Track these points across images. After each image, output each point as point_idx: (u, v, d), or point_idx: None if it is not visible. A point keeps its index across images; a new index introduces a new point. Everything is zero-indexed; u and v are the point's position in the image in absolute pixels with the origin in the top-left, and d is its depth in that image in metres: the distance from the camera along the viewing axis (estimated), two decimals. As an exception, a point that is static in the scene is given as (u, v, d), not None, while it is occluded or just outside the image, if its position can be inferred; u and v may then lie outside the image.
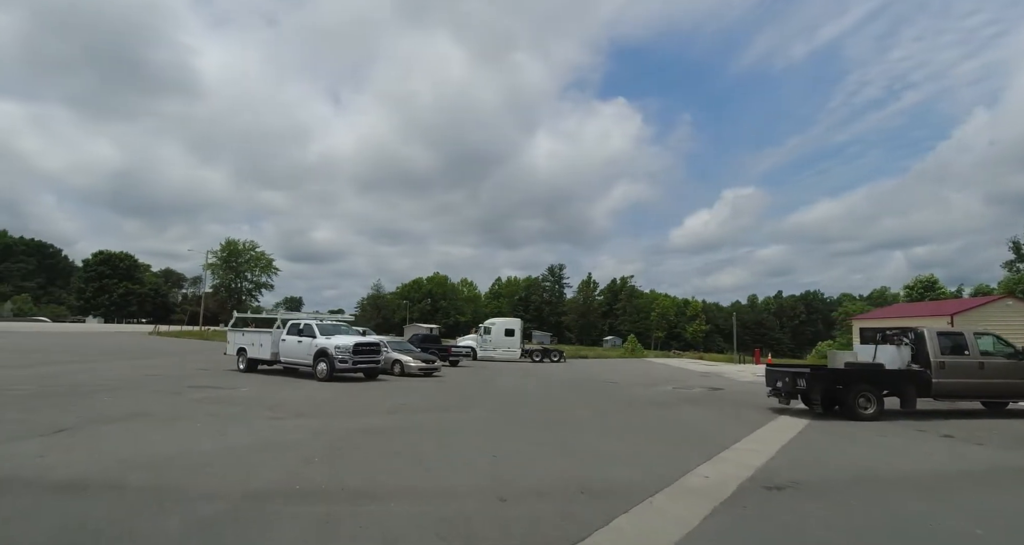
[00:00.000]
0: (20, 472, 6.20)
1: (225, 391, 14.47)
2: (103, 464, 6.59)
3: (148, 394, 13.36)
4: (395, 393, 15.60)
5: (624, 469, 7.13)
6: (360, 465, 6.91)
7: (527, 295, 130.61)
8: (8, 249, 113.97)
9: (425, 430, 9.67)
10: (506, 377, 23.46)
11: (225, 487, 5.73)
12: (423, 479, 6.37)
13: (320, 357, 17.77)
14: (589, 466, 7.22)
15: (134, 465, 6.55)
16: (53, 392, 13.04)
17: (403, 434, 9.19)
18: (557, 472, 6.85)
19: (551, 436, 9.52)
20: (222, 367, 21.53)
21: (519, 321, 41.81)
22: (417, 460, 7.28)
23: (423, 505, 5.38)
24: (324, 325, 18.95)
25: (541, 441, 9.01)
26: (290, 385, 16.59)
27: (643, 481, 6.50)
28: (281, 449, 7.67)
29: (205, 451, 7.41)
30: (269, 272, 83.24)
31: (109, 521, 4.68)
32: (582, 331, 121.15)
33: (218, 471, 6.38)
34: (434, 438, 8.92)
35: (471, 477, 6.50)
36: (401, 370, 20.93)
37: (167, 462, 6.72)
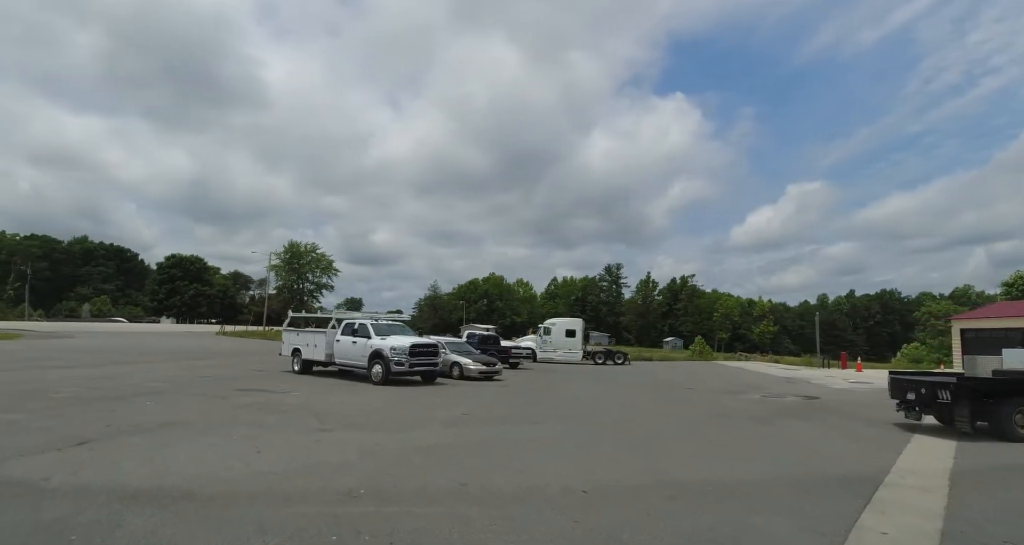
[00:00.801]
0: (12, 502, 5.05)
1: (273, 396, 13.42)
2: (107, 493, 5.35)
3: (193, 398, 12.44)
4: (455, 400, 14.19)
5: (764, 517, 5.33)
6: (415, 501, 5.43)
7: (584, 295, 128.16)
8: (89, 253, 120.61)
9: (493, 449, 8.12)
10: (571, 381, 21.75)
11: (235, 539, 4.34)
12: (501, 530, 4.80)
13: (375, 359, 16.60)
14: (714, 513, 5.47)
15: (139, 497, 5.27)
16: (96, 396, 12.28)
17: (467, 455, 7.68)
18: (673, 524, 5.14)
19: (646, 463, 7.79)
20: (277, 368, 20.79)
21: (580, 321, 39.94)
22: (487, 497, 5.73)
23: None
24: (379, 325, 17.80)
25: (637, 469, 7.30)
26: (343, 389, 15.47)
27: (800, 540, 4.72)
28: (321, 475, 6.29)
29: (230, 477, 6.10)
30: (329, 273, 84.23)
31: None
32: (641, 332, 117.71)
33: (235, 513, 5.01)
34: (505, 462, 7.35)
35: (561, 525, 4.89)
36: (460, 373, 19.58)
37: (181, 495, 5.41)
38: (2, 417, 9.35)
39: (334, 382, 17.23)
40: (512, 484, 6.21)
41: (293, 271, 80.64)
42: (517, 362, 27.21)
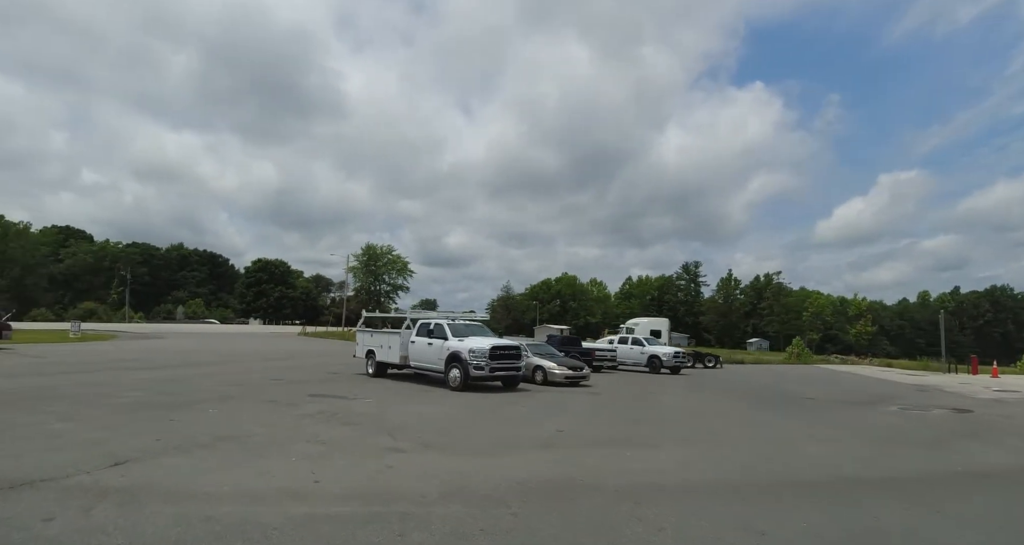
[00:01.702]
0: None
1: (344, 403, 12.17)
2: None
3: (259, 406, 11.34)
4: (545, 411, 12.45)
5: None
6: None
7: (660, 295, 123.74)
8: (185, 259, 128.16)
9: (609, 489, 6.26)
10: (668, 388, 19.53)
11: None
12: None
13: (452, 362, 15.13)
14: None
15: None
16: (159, 402, 11.43)
17: (579, 495, 5.90)
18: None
19: (852, 516, 5.73)
20: (352, 371, 19.83)
21: (666, 321, 37.51)
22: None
23: None
24: (456, 325, 16.34)
25: (828, 537, 5.27)
26: (418, 396, 14.08)
27: None
28: (389, 525, 4.68)
29: (273, 524, 4.60)
30: (405, 275, 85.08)
31: None
32: (722, 332, 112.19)
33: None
34: (636, 512, 5.51)
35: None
36: (543, 378, 17.83)
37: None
38: (52, 426, 8.46)
39: (409, 387, 15.92)
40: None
41: (370, 273, 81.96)
42: (600, 366, 25.19)
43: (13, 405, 10.37)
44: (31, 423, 8.64)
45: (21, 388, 12.68)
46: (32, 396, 11.54)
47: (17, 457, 6.58)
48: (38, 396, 11.58)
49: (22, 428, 8.24)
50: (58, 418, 9.13)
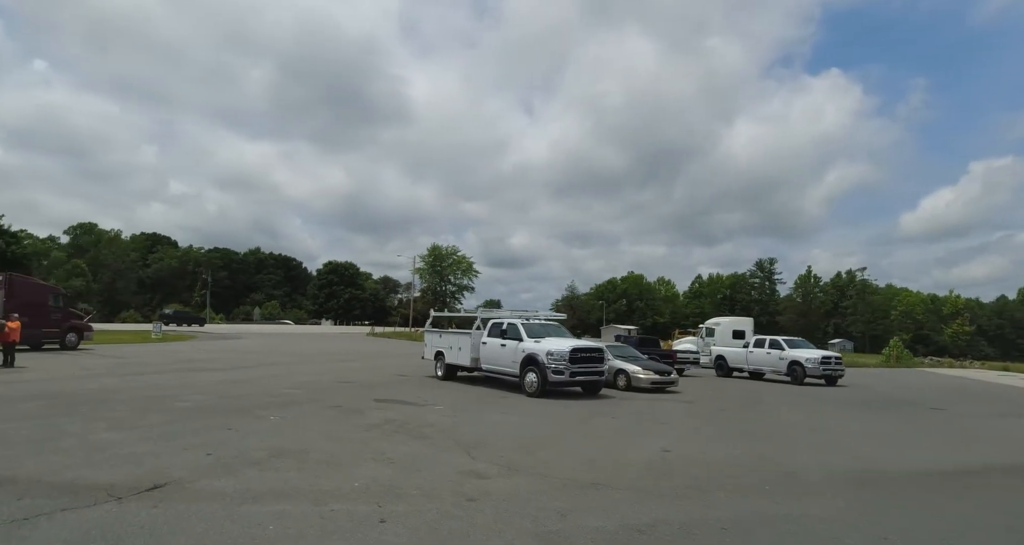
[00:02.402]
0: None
1: (413, 410, 11.07)
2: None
3: (323, 412, 10.39)
4: (639, 424, 10.92)
5: None
6: None
7: (732, 293, 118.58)
8: (262, 263, 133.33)
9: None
10: (767, 396, 17.49)
11: None
12: None
13: (528, 365, 13.81)
14: None
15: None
16: (220, 406, 10.68)
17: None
18: None
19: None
20: (420, 373, 18.90)
21: (750, 320, 34.72)
22: None
23: None
24: (531, 325, 15.02)
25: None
26: (493, 403, 12.84)
27: None
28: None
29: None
30: (470, 275, 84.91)
31: None
32: (801, 333, 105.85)
33: None
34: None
35: None
36: (627, 383, 16.22)
37: None
38: (100, 436, 7.71)
39: (481, 392, 14.73)
40: None
41: (436, 273, 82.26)
42: (682, 369, 23.26)
43: (72, 409, 9.85)
44: (80, 432, 7.94)
45: (87, 391, 12.32)
46: (94, 399, 11.07)
47: (47, 475, 5.74)
48: (100, 399, 11.10)
49: (69, 438, 7.52)
50: (110, 426, 8.43)
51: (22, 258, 54.78)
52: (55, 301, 24.00)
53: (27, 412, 9.48)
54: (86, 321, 25.93)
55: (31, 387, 12.56)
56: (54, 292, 24.56)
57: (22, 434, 7.71)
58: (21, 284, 23.28)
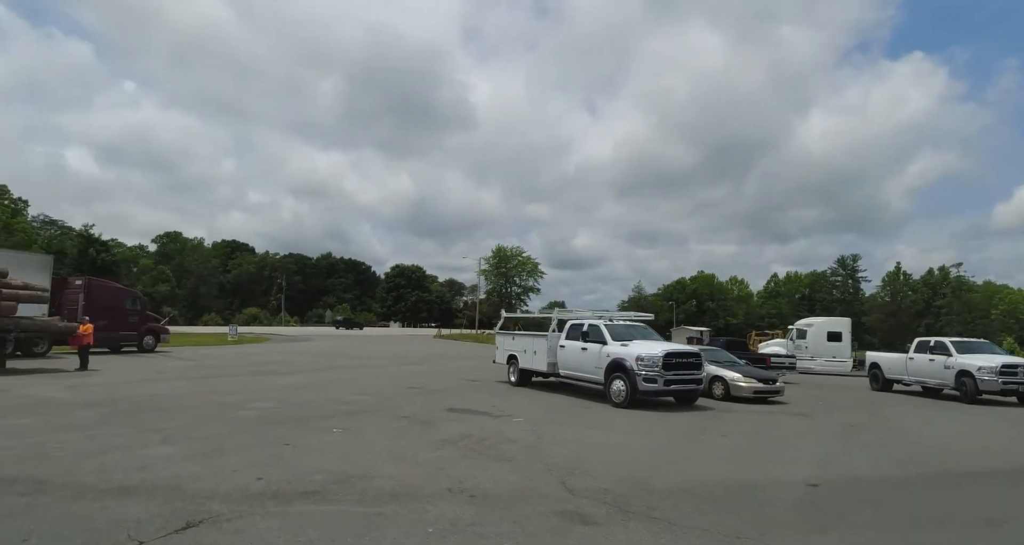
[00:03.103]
0: None
1: (490, 423, 9.81)
2: None
3: (390, 424, 9.29)
4: (758, 443, 9.23)
5: None
6: None
7: (811, 293, 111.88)
8: (333, 267, 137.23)
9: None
10: (896, 407, 15.22)
11: None
12: None
13: (614, 372, 12.28)
14: None
15: None
16: (282, 416, 9.78)
17: None
18: None
19: None
20: (492, 377, 17.72)
21: (847, 321, 31.72)
22: None
23: None
24: (615, 327, 13.49)
25: None
26: (577, 414, 11.40)
27: None
28: None
29: None
30: (535, 276, 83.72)
31: None
32: (891, 333, 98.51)
33: None
34: None
35: None
36: (724, 392, 14.37)
37: None
38: (149, 451, 6.85)
39: (561, 401, 13.33)
40: None
41: (501, 275, 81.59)
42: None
43: (129, 418, 9.18)
44: (128, 445, 7.12)
45: (151, 396, 11.80)
46: (156, 406, 10.45)
47: (70, 503, 4.81)
48: (162, 406, 10.47)
49: (113, 453, 6.68)
50: (163, 439, 7.60)
51: (111, 265, 57.92)
52: (132, 304, 24.45)
53: (81, 421, 8.86)
54: (163, 324, 26.38)
55: (96, 392, 12.18)
56: (131, 295, 25.05)
57: (66, 447, 6.96)
58: (99, 287, 23.82)
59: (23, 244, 52.72)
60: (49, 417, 9.11)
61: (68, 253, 62.51)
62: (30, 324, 15.79)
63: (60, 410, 9.81)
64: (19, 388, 12.37)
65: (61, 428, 8.18)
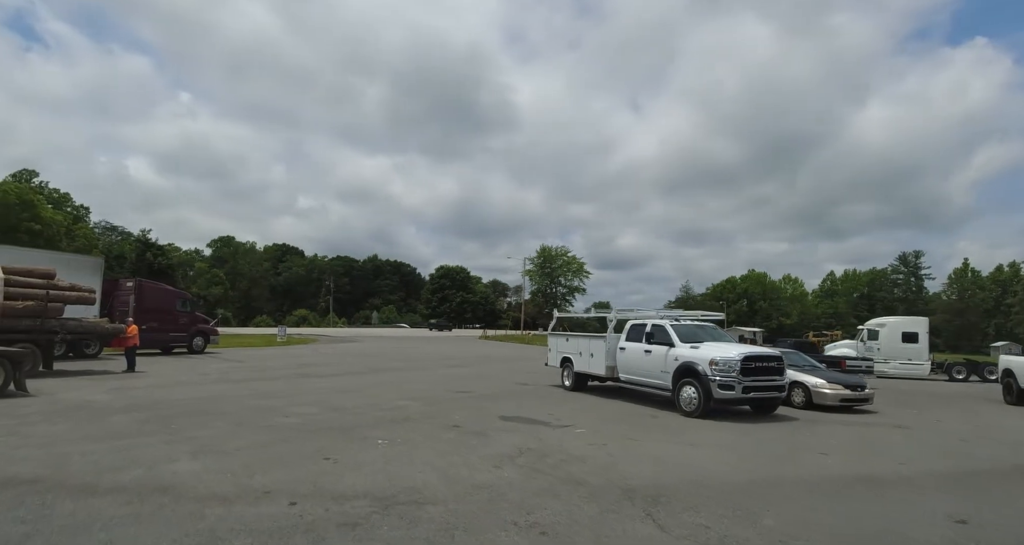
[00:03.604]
0: None
1: (549, 434, 8.79)
2: None
3: (438, 435, 8.39)
4: (871, 467, 7.92)
5: None
6: None
7: (871, 291, 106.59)
8: (379, 269, 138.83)
9: None
10: (1001, 417, 13.47)
11: None
12: None
13: (685, 377, 11.07)
14: None
15: None
16: (324, 424, 9.02)
17: None
18: None
19: None
20: (544, 381, 16.71)
21: (924, 320, 29.32)
22: None
23: None
24: (682, 327, 12.26)
25: None
26: (645, 425, 10.25)
27: None
28: None
29: None
30: (581, 276, 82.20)
31: None
32: (957, 334, 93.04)
33: None
34: None
35: None
36: (806, 399, 12.90)
37: None
38: (175, 467, 6.12)
39: (624, 408, 12.19)
40: None
41: (546, 275, 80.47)
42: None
43: (164, 425, 8.58)
44: (154, 460, 6.41)
45: (191, 400, 11.27)
46: (194, 411, 9.86)
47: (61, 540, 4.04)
48: (201, 411, 9.88)
49: (134, 470, 5.97)
50: (193, 451, 6.89)
51: (167, 268, 59.50)
52: (182, 305, 24.48)
53: (115, 427, 8.29)
54: (212, 325, 26.41)
55: (137, 395, 11.75)
56: (181, 297, 25.11)
57: (86, 460, 6.31)
58: (150, 289, 23.92)
59: (85, 249, 54.77)
60: (83, 423, 8.59)
61: (127, 257, 64.73)
62: (77, 326, 15.65)
63: (96, 415, 9.30)
64: (62, 391, 12.07)
65: (90, 437, 7.59)
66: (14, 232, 47.54)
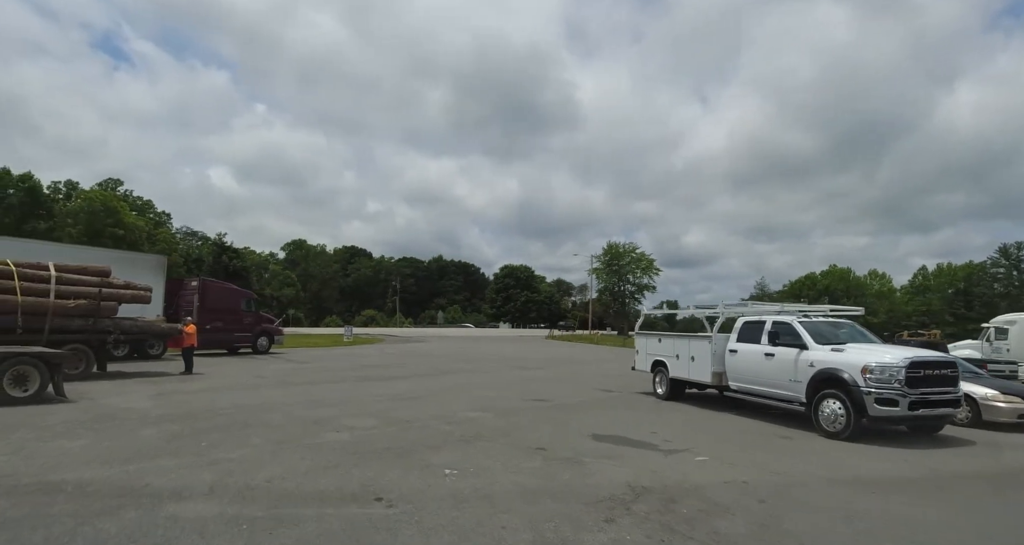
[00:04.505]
0: None
1: (664, 463, 6.79)
2: None
3: (521, 464, 6.56)
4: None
5: None
6: None
7: (968, 286, 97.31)
8: (444, 270, 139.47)
9: None
10: None
11: None
12: None
13: (826, 388, 8.74)
14: None
15: None
16: (380, 441, 7.41)
17: None
18: None
19: None
20: (629, 387, 14.67)
21: (1072, 317, 25.10)
22: None
23: None
24: (816, 325, 9.92)
25: None
26: (785, 451, 8.03)
27: None
28: None
29: None
30: (651, 273, 78.61)
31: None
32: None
33: None
34: None
35: None
36: (972, 415, 10.22)
37: None
38: (187, 508, 4.59)
39: (741, 425, 9.99)
40: None
41: (613, 273, 77.44)
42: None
43: (197, 439, 7.21)
44: (162, 492, 4.92)
45: (238, 408, 9.98)
46: (234, 423, 8.50)
47: None
48: (241, 423, 8.51)
49: (131, 510, 4.48)
50: (212, 482, 5.38)
51: (241, 270, 60.91)
52: (247, 305, 23.88)
53: (136, 444, 6.96)
54: (276, 325, 25.78)
55: (181, 402, 10.59)
56: (246, 296, 24.50)
57: (86, 491, 4.92)
58: (214, 288, 23.43)
59: (164, 252, 56.90)
60: (105, 438, 7.33)
61: (204, 260, 66.89)
62: (131, 325, 14.90)
63: (126, 427, 8.08)
64: (106, 396, 11.09)
65: (102, 458, 6.25)
66: (99, 237, 49.68)
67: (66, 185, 64.83)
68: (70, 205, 58.60)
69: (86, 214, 53.01)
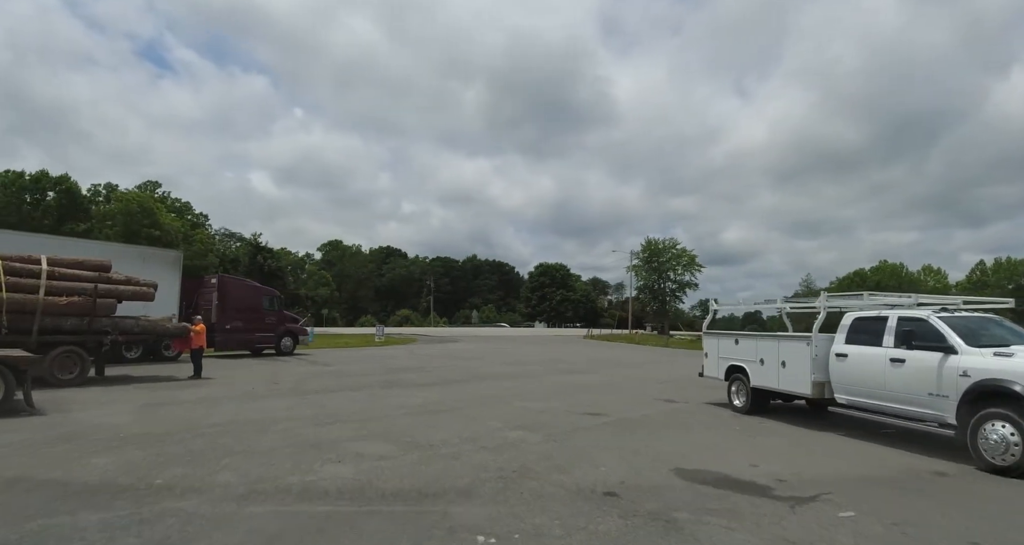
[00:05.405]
0: None
1: (794, 524, 4.67)
2: None
3: (591, 519, 4.50)
4: None
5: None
6: None
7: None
8: (478, 269, 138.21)
9: None
10: None
11: None
12: None
13: (988, 407, 6.49)
14: None
15: None
16: (393, 477, 5.48)
17: None
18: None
19: None
20: (694, 396, 12.51)
21: None
22: None
23: None
24: (963, 321, 7.59)
25: None
26: (946, 492, 5.78)
27: None
28: None
29: None
30: (692, 269, 75.32)
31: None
32: None
33: None
34: None
35: None
36: None
37: None
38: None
39: (865, 450, 7.76)
40: None
41: (653, 270, 74.46)
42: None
43: (149, 475, 5.42)
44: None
45: (232, 424, 8.24)
46: (213, 447, 6.71)
47: None
48: (223, 448, 6.71)
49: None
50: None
51: (277, 271, 60.41)
52: (270, 303, 22.42)
53: (76, 481, 5.18)
54: (301, 324, 24.30)
55: (167, 416, 8.91)
56: (269, 294, 23.00)
57: None
58: (234, 285, 22.08)
59: (202, 253, 56.77)
60: (45, 468, 5.63)
61: (241, 261, 66.75)
62: (133, 325, 13.41)
63: (76, 455, 6.36)
64: (83, 407, 9.52)
65: (17, 507, 4.49)
66: (135, 238, 49.55)
67: (105, 187, 65.56)
68: (108, 207, 58.99)
69: (123, 215, 53.09)
